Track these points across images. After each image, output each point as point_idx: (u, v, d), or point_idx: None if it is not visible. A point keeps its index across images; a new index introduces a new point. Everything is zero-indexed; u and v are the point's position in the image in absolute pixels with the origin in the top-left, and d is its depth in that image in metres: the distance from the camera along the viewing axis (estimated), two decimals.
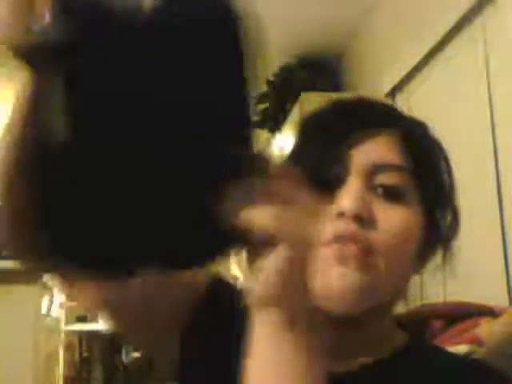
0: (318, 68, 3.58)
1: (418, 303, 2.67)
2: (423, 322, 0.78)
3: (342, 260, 0.53)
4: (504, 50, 1.92)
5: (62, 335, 5.56)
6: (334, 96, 3.22)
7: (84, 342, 4.93)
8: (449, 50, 2.32)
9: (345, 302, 0.54)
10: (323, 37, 3.46)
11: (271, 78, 3.72)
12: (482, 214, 2.02)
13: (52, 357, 4.56)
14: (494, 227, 1.94)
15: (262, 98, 3.77)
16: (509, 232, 1.88)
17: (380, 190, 0.56)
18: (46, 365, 3.81)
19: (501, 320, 0.71)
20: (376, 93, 3.02)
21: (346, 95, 3.53)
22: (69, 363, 5.39)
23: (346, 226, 0.54)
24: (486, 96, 2.01)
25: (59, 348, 5.43)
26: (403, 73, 2.66)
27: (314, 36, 3.46)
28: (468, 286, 2.13)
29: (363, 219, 0.54)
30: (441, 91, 2.39)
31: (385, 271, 0.54)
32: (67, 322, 5.62)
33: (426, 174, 0.60)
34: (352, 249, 0.53)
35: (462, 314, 0.76)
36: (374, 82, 3.07)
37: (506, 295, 1.86)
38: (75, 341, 5.38)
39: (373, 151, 0.58)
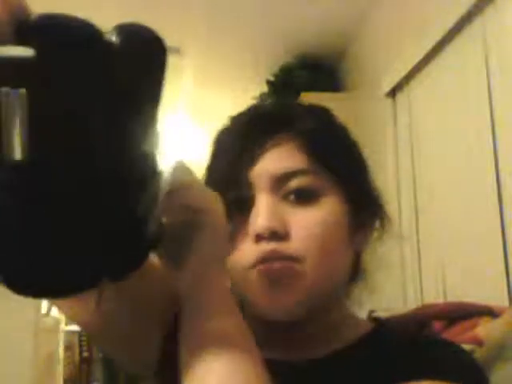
0: (318, 68, 3.58)
1: (418, 303, 2.68)
2: (423, 322, 0.78)
3: (271, 280, 0.55)
4: (504, 50, 1.92)
5: (62, 335, 5.56)
6: (334, 96, 3.22)
7: (84, 342, 4.93)
8: (449, 50, 2.32)
9: (289, 315, 0.57)
10: (323, 37, 3.47)
11: (271, 78, 3.72)
12: (481, 214, 2.02)
13: (52, 357, 4.56)
14: (493, 227, 1.94)
15: (262, 98, 3.77)
16: (509, 232, 1.88)
17: (291, 197, 0.57)
18: (46, 365, 3.80)
19: (501, 320, 0.71)
20: (376, 93, 3.02)
21: (341, 95, 3.53)
22: (69, 363, 5.39)
23: (266, 246, 0.55)
24: (486, 96, 2.01)
25: (59, 348, 5.43)
26: (403, 73, 2.66)
27: (314, 36, 3.46)
28: (468, 286, 2.13)
29: (278, 233, 0.55)
30: (441, 91, 2.39)
31: (316, 271, 0.55)
32: (67, 322, 5.61)
33: (337, 168, 0.60)
34: (276, 266, 0.54)
35: (462, 314, 0.76)
36: (374, 81, 3.07)
37: (506, 295, 1.86)
38: (75, 341, 5.38)
39: (276, 160, 0.58)
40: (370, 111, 3.18)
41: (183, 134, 4.45)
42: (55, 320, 4.71)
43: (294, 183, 0.57)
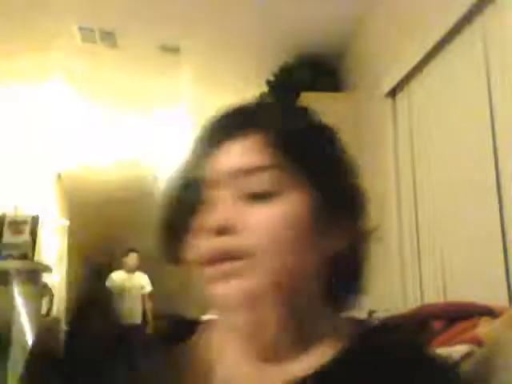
0: (318, 68, 3.58)
1: (418, 303, 2.67)
2: (423, 322, 0.78)
3: (222, 275, 0.55)
4: (504, 50, 1.92)
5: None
6: (334, 96, 3.21)
7: None
8: (449, 50, 2.32)
9: (245, 311, 0.56)
10: (323, 37, 3.47)
11: (271, 78, 3.72)
12: (482, 215, 2.02)
13: None
14: (493, 227, 1.94)
15: (262, 98, 3.77)
16: (509, 232, 1.88)
17: (248, 194, 0.56)
18: None
19: (501, 320, 0.71)
20: (376, 93, 3.02)
21: (341, 95, 3.53)
22: None
23: (216, 243, 0.55)
24: (486, 96, 2.01)
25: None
26: (403, 73, 2.66)
27: (314, 36, 3.46)
28: (468, 286, 2.13)
29: (230, 229, 0.55)
30: (441, 91, 2.39)
31: (268, 266, 0.54)
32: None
33: (306, 165, 0.58)
34: (226, 262, 0.55)
35: (462, 314, 0.76)
36: (374, 81, 3.07)
37: (506, 295, 1.85)
38: None
39: (238, 156, 0.57)
40: (370, 111, 3.18)
41: (183, 134, 4.45)
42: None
43: (254, 180, 0.56)
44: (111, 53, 3.71)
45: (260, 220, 0.55)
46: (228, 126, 0.60)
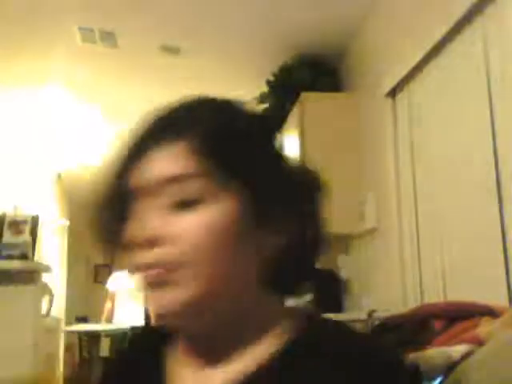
0: (318, 68, 3.58)
1: (418, 303, 2.67)
2: (423, 322, 0.78)
3: (152, 285, 0.55)
4: (504, 50, 1.92)
5: (62, 335, 5.56)
6: (335, 96, 3.21)
7: (84, 342, 4.93)
8: (449, 50, 2.32)
9: (179, 319, 0.56)
10: (323, 37, 3.47)
11: (271, 78, 3.72)
12: (481, 215, 2.02)
13: (52, 357, 4.56)
14: (493, 227, 1.94)
15: (262, 97, 3.77)
16: (509, 232, 1.88)
17: (175, 203, 0.55)
18: (47, 365, 3.80)
19: (501, 320, 0.71)
20: (376, 93, 3.02)
21: (341, 95, 3.53)
22: (69, 363, 5.39)
23: (146, 255, 0.55)
24: (486, 95, 2.01)
25: (59, 348, 5.43)
26: (403, 73, 2.66)
27: (314, 36, 3.46)
28: (468, 286, 2.13)
29: (158, 241, 0.54)
30: (441, 91, 2.39)
31: (199, 274, 0.54)
32: (67, 322, 5.62)
33: (235, 169, 0.57)
34: (155, 274, 0.54)
35: (462, 314, 0.76)
36: (374, 81, 3.07)
37: (506, 295, 1.85)
38: (75, 341, 5.38)
39: (163, 164, 0.56)
40: (370, 111, 3.18)
41: None
42: (55, 320, 4.72)
43: (179, 188, 0.55)
44: (111, 53, 3.71)
45: (186, 229, 0.54)
46: (154, 132, 0.59)
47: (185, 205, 0.55)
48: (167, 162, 0.56)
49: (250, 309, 0.59)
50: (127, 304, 6.04)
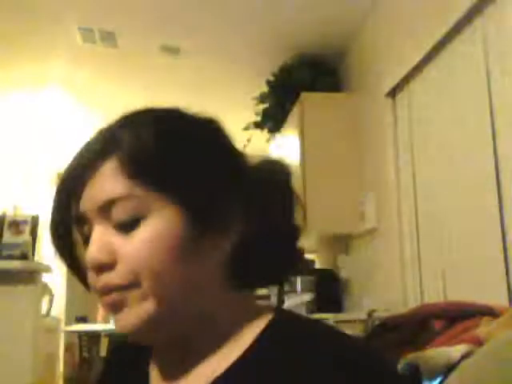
0: (318, 68, 3.58)
1: (418, 303, 2.67)
2: (423, 322, 0.78)
3: (110, 309, 0.56)
4: (504, 50, 1.92)
5: (62, 335, 5.56)
6: (334, 96, 3.20)
7: (84, 342, 4.92)
8: (449, 50, 2.32)
9: (142, 337, 0.58)
10: (323, 37, 3.47)
11: (271, 78, 3.72)
12: (482, 215, 2.02)
13: (52, 357, 4.56)
14: (493, 227, 1.94)
15: (262, 97, 3.77)
16: (509, 232, 1.88)
17: (117, 225, 0.56)
18: (46, 365, 3.80)
19: (501, 320, 0.71)
20: (376, 93, 3.02)
21: (341, 95, 3.53)
22: (69, 363, 5.39)
23: (99, 280, 0.56)
24: (486, 95, 2.01)
25: (59, 348, 5.43)
26: (403, 73, 2.66)
27: (314, 36, 3.46)
28: (468, 286, 2.13)
29: (107, 264, 0.55)
30: (441, 91, 2.39)
31: (154, 291, 0.55)
32: (67, 322, 5.62)
33: (164, 184, 0.56)
34: (111, 297, 0.55)
35: (462, 314, 0.76)
36: (374, 81, 3.07)
37: (506, 295, 1.86)
38: (75, 341, 5.38)
39: (98, 188, 0.57)
40: (370, 111, 3.18)
41: None
42: (55, 320, 4.72)
43: (116, 211, 0.56)
44: (111, 53, 3.71)
45: (131, 249, 0.55)
46: (87, 154, 0.59)
47: (127, 225, 0.55)
48: (102, 184, 0.57)
49: (215, 312, 0.59)
50: None
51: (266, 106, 3.77)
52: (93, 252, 0.55)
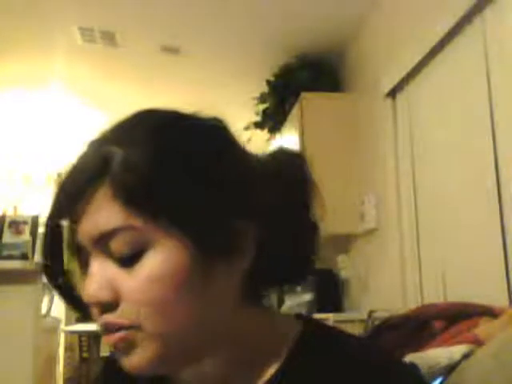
0: (318, 68, 3.58)
1: (418, 303, 2.67)
2: (423, 322, 0.78)
3: (116, 349, 0.51)
4: (503, 50, 1.92)
5: (62, 335, 5.55)
6: (334, 96, 3.19)
7: (84, 342, 4.92)
8: (449, 50, 2.32)
9: (159, 373, 0.54)
10: (323, 36, 3.47)
11: (271, 78, 3.72)
12: (481, 214, 2.02)
13: (52, 357, 4.55)
14: (493, 227, 1.94)
15: (262, 97, 3.77)
16: (509, 232, 1.88)
17: (116, 259, 0.50)
18: (46, 365, 3.80)
19: (501, 320, 0.71)
20: (376, 93, 3.02)
21: (341, 95, 3.53)
22: (69, 363, 5.39)
23: (102, 320, 0.51)
24: (486, 95, 2.01)
25: (59, 348, 5.42)
26: (403, 73, 2.66)
27: (314, 36, 3.46)
28: (468, 286, 2.13)
29: (107, 303, 0.50)
30: (441, 91, 2.39)
31: (160, 330, 0.50)
32: (67, 322, 5.61)
33: (163, 213, 0.50)
34: (115, 337, 0.50)
35: (462, 314, 0.76)
36: (374, 81, 3.07)
37: (506, 295, 1.86)
38: (75, 341, 5.38)
39: (93, 220, 0.50)
40: (370, 111, 3.18)
41: None
42: (55, 320, 4.71)
43: (113, 245, 0.49)
44: (111, 53, 3.71)
45: (135, 288, 0.49)
46: (79, 175, 0.52)
47: (128, 259, 0.49)
48: (102, 215, 0.50)
49: (238, 332, 0.55)
50: None
51: (266, 105, 3.77)
52: (94, 290, 0.50)
